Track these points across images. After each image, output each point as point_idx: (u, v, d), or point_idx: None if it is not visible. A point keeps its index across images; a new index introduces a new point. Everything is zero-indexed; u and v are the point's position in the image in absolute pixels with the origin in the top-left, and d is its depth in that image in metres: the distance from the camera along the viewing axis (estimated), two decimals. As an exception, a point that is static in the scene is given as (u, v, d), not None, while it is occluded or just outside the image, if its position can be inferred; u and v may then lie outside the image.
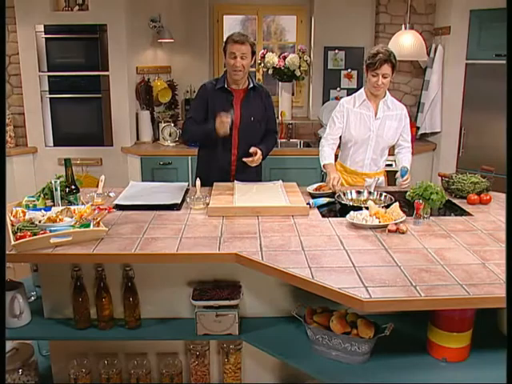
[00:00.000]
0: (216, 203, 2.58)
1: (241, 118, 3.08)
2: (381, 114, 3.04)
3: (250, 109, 3.09)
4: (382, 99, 3.04)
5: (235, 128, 3.08)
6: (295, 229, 2.29)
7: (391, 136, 3.08)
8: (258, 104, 3.12)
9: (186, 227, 2.31)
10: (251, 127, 3.11)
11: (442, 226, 2.34)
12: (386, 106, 3.05)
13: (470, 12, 4.42)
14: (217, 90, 3.06)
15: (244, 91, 3.09)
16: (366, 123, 3.05)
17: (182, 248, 2.05)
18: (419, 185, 2.51)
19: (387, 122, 3.05)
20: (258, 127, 3.15)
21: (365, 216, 2.33)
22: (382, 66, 2.86)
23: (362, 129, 3.05)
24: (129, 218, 2.43)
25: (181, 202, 2.67)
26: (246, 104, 3.08)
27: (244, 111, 3.08)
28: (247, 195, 2.74)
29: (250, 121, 3.10)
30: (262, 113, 3.15)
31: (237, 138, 3.11)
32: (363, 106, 3.06)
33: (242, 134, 3.10)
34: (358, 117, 3.06)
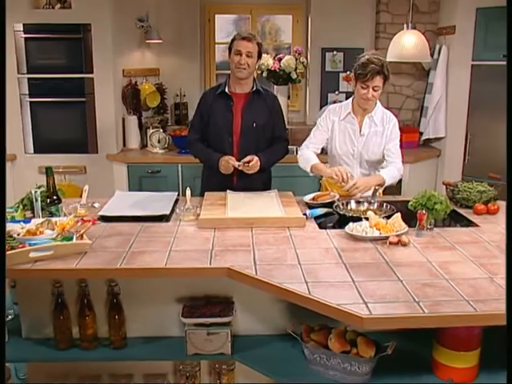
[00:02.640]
0: (207, 214, 2.58)
1: (242, 123, 3.07)
2: (366, 130, 2.98)
3: (253, 114, 3.08)
4: (368, 113, 2.97)
5: (235, 135, 3.09)
6: (291, 241, 2.30)
7: (376, 152, 3.01)
8: (262, 108, 3.10)
9: (175, 240, 2.31)
10: (253, 134, 3.09)
11: (446, 237, 2.36)
12: (372, 121, 2.98)
13: (477, 10, 4.44)
14: (217, 95, 3.08)
15: (246, 95, 3.08)
16: (351, 138, 3.00)
17: (171, 262, 2.05)
18: (422, 194, 2.51)
19: (373, 138, 2.99)
20: (260, 133, 3.11)
21: (364, 227, 2.34)
22: (373, 78, 2.78)
23: (346, 143, 3.01)
24: (114, 231, 2.43)
25: (170, 213, 2.67)
26: (247, 109, 3.07)
27: (245, 116, 3.07)
28: (240, 206, 2.74)
29: (252, 126, 3.08)
30: (266, 118, 3.11)
31: (237, 146, 3.10)
32: (348, 121, 3.01)
33: (242, 141, 3.09)
34: (342, 130, 3.02)
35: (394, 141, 3.00)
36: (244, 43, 2.94)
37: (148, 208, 2.70)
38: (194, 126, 3.20)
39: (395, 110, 5.04)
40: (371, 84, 2.80)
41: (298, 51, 4.99)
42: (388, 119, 3.01)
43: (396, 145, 3.01)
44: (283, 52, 5.37)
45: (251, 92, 3.08)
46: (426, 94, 4.97)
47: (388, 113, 3.04)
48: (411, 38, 4.40)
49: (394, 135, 3.00)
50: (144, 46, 4.94)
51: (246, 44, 2.94)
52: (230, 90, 3.08)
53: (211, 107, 3.07)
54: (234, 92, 3.07)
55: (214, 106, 3.07)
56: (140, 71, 4.94)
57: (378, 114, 3.00)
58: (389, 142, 3.00)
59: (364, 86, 2.83)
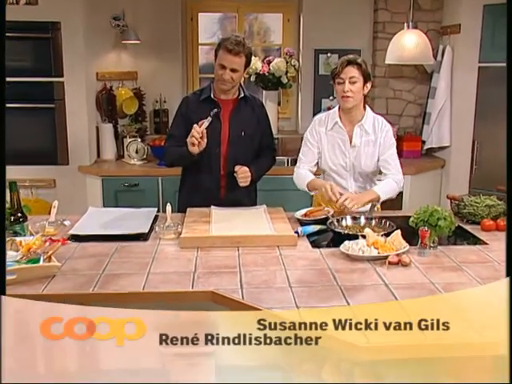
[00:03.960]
0: (189, 232, 2.58)
1: (229, 133, 3.08)
2: (357, 140, 2.98)
3: (241, 122, 3.09)
4: (358, 122, 2.98)
5: (223, 145, 3.09)
6: (281, 262, 2.31)
7: (370, 164, 3.02)
8: (250, 116, 3.12)
9: (154, 261, 2.31)
10: (242, 144, 3.10)
11: (451, 256, 2.38)
12: (363, 131, 2.99)
13: (484, 7, 4.48)
14: (201, 101, 3.06)
15: (233, 102, 3.09)
16: (341, 150, 3.01)
17: (149, 286, 2.06)
18: (424, 209, 2.53)
19: (365, 149, 2.99)
20: (249, 143, 3.13)
21: (361, 246, 2.35)
22: (344, 68, 2.83)
23: (337, 155, 3.02)
24: (86, 251, 2.42)
25: (148, 232, 2.67)
26: (235, 117, 3.08)
27: (233, 125, 3.08)
28: (226, 223, 2.75)
29: (241, 136, 3.09)
30: (254, 127, 3.13)
31: (225, 157, 3.10)
32: (336, 131, 3.01)
33: (230, 151, 3.09)
34: (331, 142, 3.02)
35: (389, 150, 3.00)
36: (229, 57, 2.88)
37: (124, 226, 2.70)
38: (174, 135, 3.13)
39: (395, 116, 5.08)
40: (345, 76, 2.83)
41: (288, 53, 5.04)
42: (380, 126, 3.00)
43: (392, 155, 3.02)
44: (273, 54, 5.41)
45: (238, 98, 3.10)
46: (428, 99, 4.99)
47: (380, 119, 3.04)
48: (412, 38, 4.44)
49: (388, 144, 3.00)
50: (120, 47, 4.95)
51: (231, 59, 2.89)
52: (215, 95, 3.07)
53: (195, 114, 3.03)
54: (219, 98, 3.08)
55: (199, 112, 3.02)
56: (116, 75, 4.95)
57: (369, 122, 3.00)
58: (384, 151, 3.00)
59: (340, 81, 2.86)
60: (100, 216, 2.91)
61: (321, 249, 2.48)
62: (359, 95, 2.89)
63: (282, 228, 2.66)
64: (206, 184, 3.12)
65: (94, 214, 2.95)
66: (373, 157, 3.01)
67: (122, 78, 5.00)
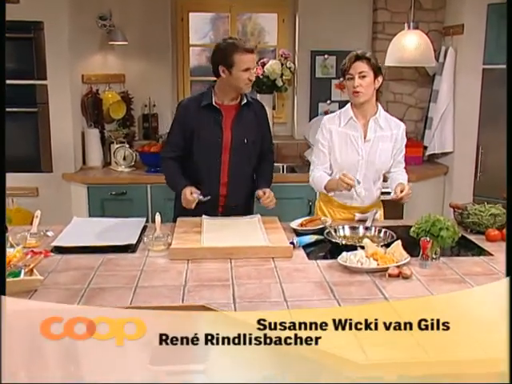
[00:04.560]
0: (180, 243, 2.59)
1: (232, 140, 3.11)
2: (371, 134, 3.05)
3: (243, 129, 3.12)
4: (372, 117, 3.06)
5: (225, 153, 3.12)
6: (276, 274, 2.32)
7: (384, 161, 3.10)
8: (252, 122, 3.16)
9: (142, 274, 2.31)
10: (244, 151, 3.14)
11: (454, 268, 2.39)
12: (377, 125, 3.07)
13: (488, 6, 4.51)
14: (202, 108, 3.08)
15: (236, 108, 3.12)
16: (353, 146, 3.06)
17: (137, 300, 2.05)
18: (426, 218, 2.54)
19: (380, 144, 3.07)
20: (252, 150, 3.18)
21: (360, 257, 2.36)
22: (353, 63, 2.91)
23: (348, 153, 3.07)
24: (71, 264, 2.42)
25: (136, 243, 2.67)
26: (237, 123, 3.11)
27: (236, 132, 3.11)
28: (218, 233, 2.76)
29: (244, 143, 3.13)
30: (256, 132, 3.18)
31: (227, 164, 3.14)
32: (350, 126, 3.07)
33: (233, 158, 3.13)
34: (343, 139, 3.07)
35: (403, 151, 3.17)
36: (250, 57, 2.96)
37: (111, 237, 2.70)
38: (171, 142, 3.18)
39: (396, 121, 5.10)
40: (354, 71, 2.91)
41: (284, 55, 5.04)
42: (395, 124, 3.13)
43: (403, 156, 3.20)
44: (267, 56, 5.40)
45: (241, 104, 3.12)
46: (430, 102, 5.02)
47: (393, 117, 3.16)
48: (413, 39, 4.46)
49: (403, 144, 3.16)
50: (107, 48, 4.97)
51: (251, 58, 2.97)
52: (216, 102, 3.09)
53: (196, 121, 3.08)
54: (221, 104, 3.10)
55: (200, 119, 3.07)
56: (102, 77, 4.96)
57: (383, 117, 3.10)
58: (398, 151, 3.14)
59: (350, 77, 2.94)
60: (85, 226, 2.91)
61: (317, 260, 2.49)
62: (370, 90, 2.97)
63: (276, 239, 2.66)
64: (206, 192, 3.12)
65: (79, 225, 2.95)
66: (387, 152, 3.09)
67: (108, 81, 5.00)
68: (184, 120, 3.12)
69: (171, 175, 3.18)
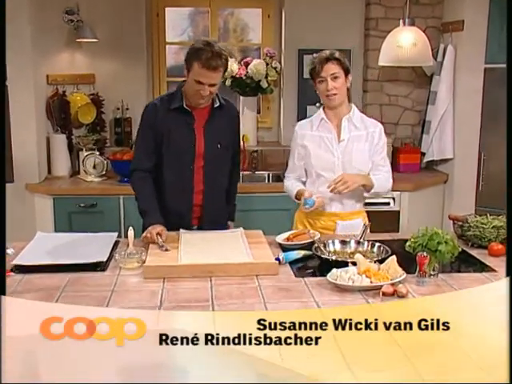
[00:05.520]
0: (155, 261, 2.59)
1: (205, 145, 3.12)
2: (345, 134, 3.12)
3: (216, 133, 3.13)
4: (345, 115, 3.13)
5: (198, 159, 3.12)
6: (260, 294, 2.32)
7: (362, 161, 3.14)
8: (225, 125, 3.17)
9: (113, 294, 2.31)
10: (218, 157, 3.16)
11: (454, 286, 2.40)
12: (351, 124, 3.14)
13: (490, 1, 4.57)
14: (171, 110, 3.08)
15: (208, 111, 3.12)
16: (327, 148, 3.14)
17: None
18: (422, 232, 2.55)
19: (355, 144, 3.13)
20: (226, 155, 3.22)
21: (351, 274, 2.37)
22: (323, 65, 2.99)
23: (323, 155, 3.14)
24: (34, 284, 2.41)
25: (107, 260, 2.66)
26: (210, 128, 3.12)
27: (208, 137, 3.12)
28: (197, 249, 2.76)
29: (217, 148, 3.14)
30: (229, 136, 3.22)
31: (201, 172, 3.15)
32: (322, 128, 3.16)
33: (207, 166, 3.14)
34: (317, 142, 3.16)
35: (382, 151, 3.21)
36: (207, 74, 2.88)
37: (79, 254, 2.69)
38: (144, 150, 3.15)
39: (390, 125, 5.12)
40: (326, 73, 3.00)
41: (269, 54, 5.06)
42: (371, 123, 3.21)
43: (385, 157, 3.24)
44: (251, 55, 5.44)
45: (213, 107, 3.12)
46: (428, 105, 5.06)
47: (369, 118, 3.24)
48: (409, 37, 4.48)
49: (381, 144, 3.21)
50: (74, 45, 4.96)
51: (209, 75, 2.89)
52: (187, 104, 3.08)
53: (166, 125, 3.07)
54: (192, 107, 3.09)
55: (170, 123, 3.06)
56: (69, 78, 4.95)
57: (357, 116, 3.18)
58: (376, 153, 3.18)
59: (321, 80, 3.03)
60: (50, 242, 2.89)
61: (305, 278, 2.49)
62: (344, 90, 3.07)
63: (261, 254, 2.67)
64: (177, 204, 3.15)
65: (43, 240, 2.93)
66: (364, 152, 3.14)
67: (76, 82, 5.00)
68: (153, 124, 3.10)
69: (144, 197, 3.14)
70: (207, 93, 2.94)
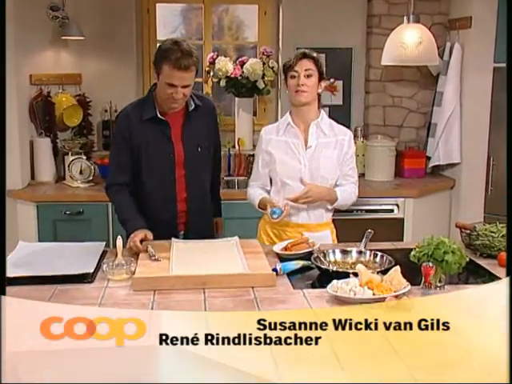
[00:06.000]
0: (144, 272, 2.59)
1: (184, 151, 3.14)
2: (313, 141, 3.14)
3: (195, 136, 3.15)
4: (313, 121, 3.15)
5: (179, 167, 3.14)
6: (256, 306, 2.33)
7: (330, 169, 3.16)
8: (202, 126, 3.19)
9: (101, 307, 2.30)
10: (200, 160, 3.19)
11: (461, 297, 2.41)
12: (319, 130, 3.16)
13: (500, -4, 4.58)
14: (145, 121, 3.09)
15: (183, 115, 3.13)
16: (294, 154, 3.15)
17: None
18: (428, 241, 2.55)
19: (323, 150, 3.14)
20: (207, 156, 3.24)
21: (353, 286, 2.37)
22: (298, 61, 3.05)
23: (289, 162, 3.15)
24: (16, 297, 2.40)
25: (94, 271, 2.67)
26: (187, 133, 3.14)
27: (187, 142, 3.14)
28: (189, 259, 2.77)
29: (197, 151, 3.16)
30: (208, 135, 3.24)
31: (183, 179, 3.17)
32: (289, 133, 3.17)
33: (188, 172, 3.16)
34: (283, 148, 3.17)
35: (352, 162, 3.25)
36: (179, 75, 2.88)
37: (64, 265, 2.69)
38: (119, 163, 3.16)
39: (394, 128, 5.14)
40: (300, 68, 3.05)
41: (266, 53, 5.07)
42: (340, 130, 3.23)
43: (354, 167, 3.30)
44: (247, 54, 5.45)
45: (188, 110, 3.13)
46: (433, 106, 5.07)
47: (339, 125, 3.26)
48: (414, 34, 4.48)
49: (350, 153, 3.24)
50: (60, 43, 4.96)
51: (181, 76, 2.89)
52: (161, 113, 3.09)
53: (141, 138, 3.09)
54: (166, 113, 3.10)
55: (145, 135, 3.08)
56: (54, 78, 4.95)
57: (325, 122, 3.20)
58: (346, 163, 3.21)
59: (293, 75, 3.06)
60: (34, 252, 2.90)
61: (304, 290, 2.50)
62: (314, 91, 3.10)
63: (257, 265, 2.67)
64: (162, 213, 3.17)
65: (26, 251, 2.94)
66: (332, 160, 3.16)
67: (62, 82, 5.00)
68: (128, 136, 3.10)
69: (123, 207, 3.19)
70: (180, 96, 2.94)
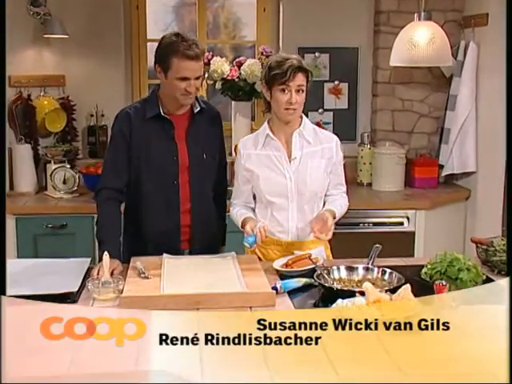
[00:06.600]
0: (133, 290, 2.60)
1: (189, 157, 3.15)
2: (297, 152, 3.10)
3: (200, 142, 3.17)
4: (295, 130, 3.11)
5: (182, 173, 3.15)
6: (255, 328, 2.32)
7: (319, 181, 3.14)
8: (208, 132, 3.21)
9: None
10: (205, 169, 3.20)
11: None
12: (303, 139, 3.12)
13: (518, -8, 4.61)
14: (147, 120, 3.10)
15: (188, 117, 3.15)
16: (277, 169, 3.11)
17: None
18: (441, 257, 2.56)
19: (309, 161, 3.11)
20: (212, 164, 3.25)
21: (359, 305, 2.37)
22: (295, 75, 2.95)
23: (273, 178, 3.11)
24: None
25: (79, 290, 2.67)
26: (193, 136, 3.15)
27: (192, 147, 3.15)
28: (182, 277, 2.77)
29: (203, 159, 3.17)
30: (214, 143, 3.26)
31: (186, 187, 3.17)
32: (269, 146, 3.12)
33: (193, 180, 3.17)
34: (264, 162, 3.12)
35: (341, 170, 3.26)
36: (191, 65, 2.94)
37: (46, 283, 2.69)
38: (111, 166, 3.17)
39: (404, 134, 5.15)
40: (294, 84, 2.96)
41: (265, 52, 5.05)
42: (326, 137, 3.21)
43: (343, 175, 3.29)
44: (245, 54, 5.46)
45: (194, 113, 3.15)
46: (447, 111, 5.08)
47: (323, 130, 3.26)
48: (425, 33, 4.48)
49: (339, 160, 3.23)
50: (41, 42, 4.98)
51: (193, 66, 2.95)
52: (165, 111, 3.11)
53: (142, 137, 3.10)
54: (172, 114, 3.12)
55: (147, 135, 3.09)
56: (35, 79, 4.97)
57: (308, 129, 3.16)
58: (335, 172, 3.22)
59: (284, 89, 2.97)
60: (12, 269, 2.86)
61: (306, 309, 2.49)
62: (302, 106, 3.06)
63: (255, 283, 2.68)
64: (162, 225, 3.17)
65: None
66: (319, 170, 3.13)
67: (44, 84, 5.01)
68: (128, 135, 3.11)
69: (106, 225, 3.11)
70: (194, 89, 2.99)
